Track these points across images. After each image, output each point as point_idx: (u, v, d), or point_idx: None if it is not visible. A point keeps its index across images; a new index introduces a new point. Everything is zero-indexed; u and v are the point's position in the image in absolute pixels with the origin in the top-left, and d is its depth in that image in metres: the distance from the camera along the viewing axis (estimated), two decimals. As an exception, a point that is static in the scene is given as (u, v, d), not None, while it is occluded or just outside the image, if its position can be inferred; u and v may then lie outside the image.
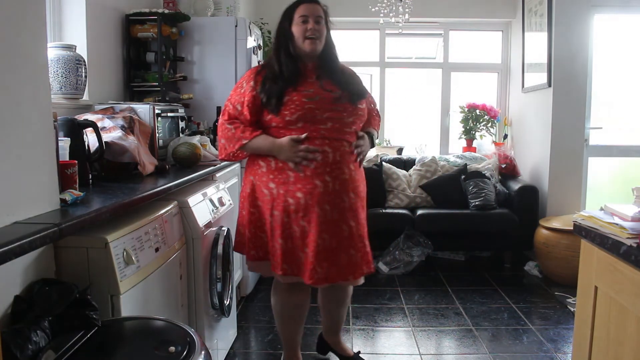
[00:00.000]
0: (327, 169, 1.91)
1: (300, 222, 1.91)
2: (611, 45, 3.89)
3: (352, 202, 1.96)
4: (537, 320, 2.97)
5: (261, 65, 2.09)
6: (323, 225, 1.90)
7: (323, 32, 1.97)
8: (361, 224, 2.00)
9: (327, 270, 1.92)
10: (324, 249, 1.90)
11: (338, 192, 1.92)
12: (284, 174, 1.93)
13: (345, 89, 1.97)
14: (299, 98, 1.89)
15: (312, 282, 1.93)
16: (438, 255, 4.19)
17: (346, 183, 1.94)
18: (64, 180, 1.47)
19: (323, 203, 1.90)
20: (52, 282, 1.31)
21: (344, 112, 1.93)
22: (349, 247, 1.94)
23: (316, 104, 1.89)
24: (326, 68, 1.99)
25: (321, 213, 1.89)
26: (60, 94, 2.20)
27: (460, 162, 4.27)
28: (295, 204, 1.91)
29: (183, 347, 1.18)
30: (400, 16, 3.65)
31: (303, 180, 1.91)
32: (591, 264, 1.39)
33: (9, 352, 1.04)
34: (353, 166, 1.98)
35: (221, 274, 2.19)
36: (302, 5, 1.96)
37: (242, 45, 3.13)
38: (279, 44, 2.00)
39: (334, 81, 1.97)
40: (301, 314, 2.19)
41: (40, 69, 1.31)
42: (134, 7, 2.88)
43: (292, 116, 1.89)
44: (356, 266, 1.97)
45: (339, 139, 1.94)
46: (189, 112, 3.07)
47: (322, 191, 1.89)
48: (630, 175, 4.05)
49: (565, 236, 3.40)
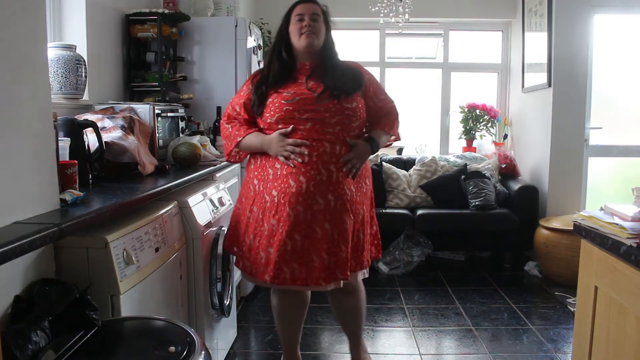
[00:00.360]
0: (302, 170, 1.88)
1: (271, 220, 1.90)
2: (611, 45, 3.89)
3: (329, 205, 1.88)
4: (537, 320, 2.97)
5: (260, 69, 2.12)
6: (295, 226, 1.87)
7: (320, 29, 1.97)
8: (341, 228, 1.89)
9: (294, 272, 1.88)
10: (292, 249, 1.87)
11: (312, 194, 1.87)
12: (266, 171, 1.96)
13: (332, 87, 1.93)
14: (278, 100, 1.92)
15: (276, 282, 1.89)
16: (438, 255, 4.19)
17: (322, 185, 1.88)
18: (64, 180, 1.47)
19: (295, 203, 1.87)
20: (52, 282, 1.31)
21: (325, 113, 1.89)
22: (321, 251, 1.88)
23: (294, 105, 1.90)
24: (322, 66, 1.99)
25: (292, 213, 1.86)
26: (60, 94, 2.20)
27: (460, 162, 4.27)
28: (270, 201, 1.91)
29: (183, 347, 1.18)
30: (400, 16, 3.65)
31: (280, 178, 1.91)
32: (591, 264, 1.39)
33: (9, 352, 1.04)
34: (335, 167, 1.90)
35: (221, 274, 2.19)
36: (298, 5, 2.00)
37: (242, 45, 3.13)
38: (274, 46, 2.05)
39: (325, 80, 1.95)
40: (297, 315, 2.18)
41: (40, 69, 1.31)
42: (134, 7, 2.88)
43: (272, 118, 1.93)
44: (328, 270, 1.89)
45: (319, 139, 1.89)
46: (189, 112, 3.07)
47: (294, 191, 1.87)
48: (630, 175, 4.05)
49: (565, 236, 3.40)
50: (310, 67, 1.99)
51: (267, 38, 4.29)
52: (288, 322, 2.19)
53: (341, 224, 1.90)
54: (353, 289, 2.12)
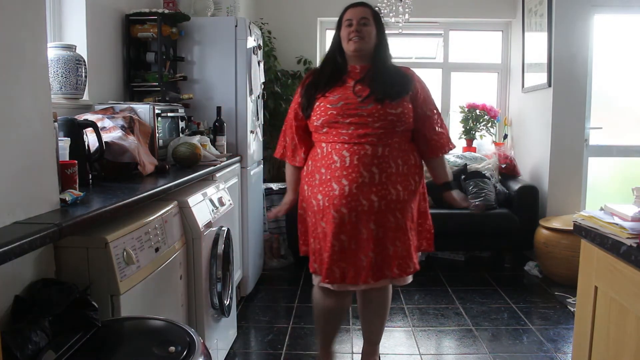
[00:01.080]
0: (343, 173, 1.94)
1: (321, 223, 1.99)
2: (611, 45, 3.89)
3: (373, 206, 1.93)
4: (537, 320, 2.97)
5: (313, 69, 2.20)
6: (340, 227, 1.93)
7: (369, 33, 2.01)
8: (387, 227, 1.95)
9: (344, 271, 1.95)
10: (340, 249, 1.94)
11: (355, 195, 1.92)
12: (313, 177, 2.04)
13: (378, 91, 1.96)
14: (324, 104, 1.99)
15: (328, 282, 1.96)
16: (438, 255, 4.19)
17: (365, 187, 1.93)
18: (64, 180, 1.47)
19: (339, 206, 1.93)
20: (52, 282, 1.31)
21: (368, 118, 1.93)
22: (368, 250, 1.94)
23: (338, 110, 1.96)
24: (372, 70, 2.03)
25: (337, 215, 1.93)
26: (60, 94, 2.20)
27: (460, 162, 4.26)
28: (317, 205, 2.00)
29: (183, 347, 1.18)
30: (400, 16, 3.65)
31: (324, 183, 1.98)
32: (591, 264, 1.39)
33: (9, 352, 1.04)
34: (377, 169, 1.94)
35: (221, 274, 2.19)
36: (348, 10, 2.06)
37: (242, 45, 3.13)
38: (329, 51, 2.12)
39: (373, 83, 1.98)
40: (334, 317, 2.21)
41: (40, 69, 1.31)
42: (134, 7, 2.88)
43: (318, 121, 2.00)
44: (375, 269, 1.96)
45: (359, 142, 1.94)
46: (189, 112, 3.07)
47: (337, 194, 1.93)
48: (630, 175, 4.05)
49: (565, 236, 3.40)
50: (360, 71, 2.03)
51: (267, 38, 4.29)
52: (329, 321, 2.22)
53: (386, 223, 1.96)
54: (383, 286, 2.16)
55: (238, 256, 3.03)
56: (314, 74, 2.12)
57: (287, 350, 2.60)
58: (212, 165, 2.47)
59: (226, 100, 3.15)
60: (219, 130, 3.01)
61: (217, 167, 2.52)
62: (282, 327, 2.87)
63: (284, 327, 2.86)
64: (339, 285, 1.99)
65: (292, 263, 3.99)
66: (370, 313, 2.26)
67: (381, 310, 2.24)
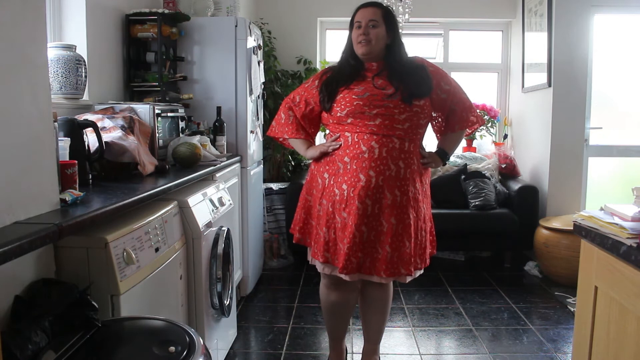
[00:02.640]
0: (372, 164, 1.95)
1: (342, 213, 1.98)
2: (611, 45, 3.89)
3: (396, 200, 1.95)
4: (537, 320, 2.97)
5: (330, 66, 2.21)
6: (362, 219, 1.94)
7: (377, 35, 2.03)
8: (405, 223, 1.96)
9: (361, 261, 1.97)
10: (360, 240, 1.95)
11: (381, 188, 1.95)
12: (336, 165, 2.03)
13: (404, 90, 1.98)
14: (349, 95, 2.00)
15: (345, 272, 1.96)
16: (438, 255, 4.19)
17: (391, 180, 1.95)
18: (64, 180, 1.47)
19: (364, 197, 1.94)
20: (52, 282, 1.31)
21: (395, 109, 1.96)
22: (385, 243, 1.96)
23: (364, 101, 1.98)
24: (388, 66, 2.05)
25: (361, 207, 1.94)
26: (60, 94, 2.20)
27: (460, 162, 4.26)
28: (340, 194, 1.99)
29: (183, 347, 1.18)
30: (400, 16, 3.65)
31: (350, 172, 1.98)
32: (591, 264, 1.39)
33: (9, 352, 1.04)
34: (403, 163, 1.97)
35: (221, 274, 2.19)
36: (358, 11, 2.09)
37: (242, 45, 3.13)
38: (344, 48, 2.14)
39: (394, 80, 2.01)
40: (342, 310, 2.23)
41: (40, 69, 1.31)
42: (134, 7, 2.88)
43: (342, 112, 2.01)
44: (390, 264, 1.96)
45: (388, 135, 1.96)
46: (189, 112, 3.07)
47: (364, 185, 1.94)
48: (630, 175, 4.05)
49: (565, 236, 3.40)
50: (377, 67, 2.06)
51: (267, 38, 4.29)
52: (336, 317, 2.25)
53: (406, 219, 1.97)
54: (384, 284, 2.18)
55: (238, 256, 3.03)
56: (333, 71, 2.14)
57: (287, 350, 2.60)
58: (212, 165, 2.47)
59: (226, 100, 3.15)
60: (219, 130, 3.01)
61: (217, 167, 2.52)
62: (282, 327, 2.87)
63: (284, 327, 2.86)
64: (353, 275, 1.99)
65: (292, 263, 3.99)
66: (371, 312, 2.26)
67: (382, 309, 2.25)
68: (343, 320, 2.27)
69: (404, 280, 2.06)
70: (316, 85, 2.13)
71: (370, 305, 2.26)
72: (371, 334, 2.31)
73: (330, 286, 2.17)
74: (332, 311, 2.23)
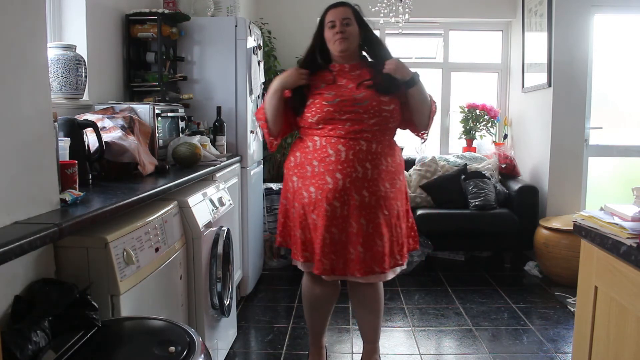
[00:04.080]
0: (338, 167, 1.98)
1: (312, 215, 2.02)
2: (611, 45, 3.89)
3: (364, 201, 1.97)
4: (537, 320, 2.97)
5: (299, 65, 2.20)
6: (332, 220, 1.97)
7: (352, 32, 2.05)
8: (376, 222, 1.98)
9: (333, 263, 2.00)
10: (331, 242, 1.98)
11: (348, 190, 1.97)
12: (304, 169, 2.05)
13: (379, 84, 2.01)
14: (320, 101, 2.02)
15: (318, 273, 2.01)
16: (438, 255, 4.19)
17: (358, 182, 1.97)
18: (64, 180, 1.47)
19: (332, 199, 1.97)
20: (52, 282, 1.31)
21: (364, 114, 1.99)
22: (356, 244, 1.98)
23: (335, 107, 1.99)
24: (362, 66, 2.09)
25: (329, 209, 1.97)
26: (60, 94, 2.20)
27: (460, 162, 4.27)
28: (308, 197, 2.03)
29: (183, 347, 1.18)
30: (400, 16, 3.65)
31: (317, 175, 2.00)
32: (591, 264, 1.39)
33: (9, 352, 1.04)
34: (370, 165, 1.98)
35: (221, 274, 2.19)
36: (329, 11, 2.10)
37: (242, 45, 3.13)
38: (309, 51, 2.14)
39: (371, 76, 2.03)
40: (323, 306, 2.27)
41: (40, 69, 1.31)
42: (134, 7, 2.88)
43: (313, 118, 2.03)
44: (364, 263, 1.98)
45: (355, 138, 1.99)
46: (189, 112, 3.07)
47: (331, 187, 1.98)
48: (630, 175, 4.05)
49: (565, 236, 3.40)
50: (350, 69, 2.08)
51: (267, 38, 4.29)
52: (318, 311, 2.29)
53: (375, 219, 1.99)
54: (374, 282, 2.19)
55: (238, 256, 3.03)
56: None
57: (287, 350, 2.60)
58: (212, 165, 2.47)
59: (226, 100, 3.15)
60: (219, 130, 3.01)
61: (217, 167, 2.52)
62: (282, 327, 2.87)
63: (284, 327, 2.86)
64: (329, 276, 2.04)
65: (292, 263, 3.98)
66: (364, 311, 2.28)
67: (374, 307, 2.26)
68: (324, 315, 2.31)
69: (383, 279, 2.08)
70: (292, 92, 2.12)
71: (361, 305, 2.27)
72: (368, 334, 2.32)
73: (312, 281, 2.22)
74: (314, 305, 2.28)
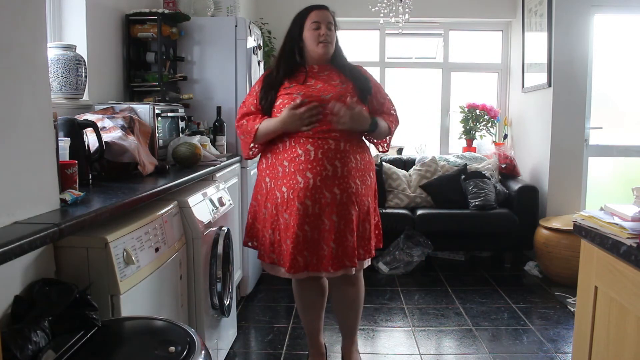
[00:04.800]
0: (308, 166, 2.00)
1: (284, 214, 2.04)
2: (611, 45, 3.89)
3: (335, 198, 2.00)
4: (537, 320, 2.97)
5: (269, 69, 2.23)
6: (304, 219, 1.99)
7: (334, 37, 2.11)
8: (347, 219, 2.01)
9: (307, 260, 2.02)
10: (304, 239, 2.00)
11: (319, 188, 1.99)
12: (276, 169, 2.07)
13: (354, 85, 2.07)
14: (288, 101, 2.03)
15: (292, 272, 2.02)
16: (438, 255, 4.19)
17: (329, 179, 2.00)
18: (64, 180, 1.47)
19: (303, 198, 1.99)
20: (52, 282, 1.31)
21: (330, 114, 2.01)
22: (329, 240, 2.00)
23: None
24: (332, 69, 2.13)
25: (301, 207, 1.99)
26: (60, 94, 2.20)
27: (460, 162, 4.27)
28: (280, 197, 2.04)
29: (183, 347, 1.18)
30: (400, 16, 3.65)
31: (288, 175, 2.03)
32: (591, 264, 1.39)
33: (9, 352, 1.04)
34: (339, 163, 2.01)
35: (221, 274, 2.19)
36: (313, 11, 2.11)
37: (242, 45, 3.13)
38: (284, 48, 2.15)
39: (335, 81, 2.08)
40: (316, 302, 2.30)
41: (40, 69, 1.31)
42: (134, 7, 2.88)
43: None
44: (336, 258, 2.01)
45: (323, 137, 2.02)
46: (189, 112, 3.07)
47: (302, 187, 1.99)
48: (630, 175, 4.05)
49: (565, 236, 3.40)
50: (319, 71, 2.12)
51: (267, 38, 4.29)
52: (309, 309, 2.31)
53: (347, 215, 2.02)
54: (355, 279, 2.23)
55: (238, 256, 3.03)
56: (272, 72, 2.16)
57: (287, 350, 2.60)
58: (212, 165, 2.47)
59: (226, 100, 3.15)
60: (219, 130, 3.01)
61: (217, 167, 2.52)
62: (282, 327, 2.87)
63: (284, 327, 2.86)
64: (301, 273, 2.05)
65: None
66: (344, 308, 2.29)
67: (354, 306, 2.28)
68: (317, 314, 2.32)
69: (350, 273, 2.08)
70: (257, 90, 2.15)
71: (344, 304, 2.28)
72: (346, 331, 2.35)
73: (298, 283, 2.25)
74: (305, 307, 2.31)
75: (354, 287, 2.24)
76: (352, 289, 2.24)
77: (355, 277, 2.21)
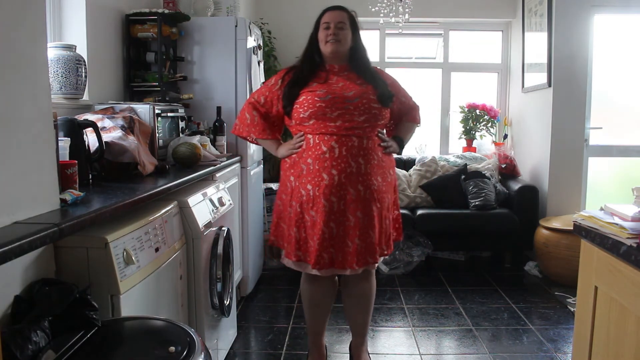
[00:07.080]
0: (333, 163, 2.04)
1: (310, 212, 2.06)
2: (611, 45, 3.89)
3: (359, 194, 2.04)
4: (537, 320, 2.97)
5: (292, 66, 2.26)
6: (330, 215, 2.03)
7: (345, 36, 2.13)
8: (370, 215, 2.05)
9: (332, 256, 2.05)
10: (330, 236, 2.03)
11: (344, 185, 2.03)
12: (299, 167, 2.11)
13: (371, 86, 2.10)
14: (312, 97, 2.07)
15: (317, 267, 2.05)
16: (438, 255, 4.19)
17: (353, 176, 2.03)
18: (64, 180, 1.47)
19: (329, 195, 2.03)
20: (52, 282, 1.31)
21: (355, 111, 2.05)
22: (354, 236, 2.04)
23: (327, 103, 2.04)
24: (351, 69, 2.16)
25: (327, 204, 2.02)
26: (60, 94, 2.20)
27: (460, 162, 4.27)
28: (306, 195, 2.07)
29: (183, 347, 1.18)
30: (400, 16, 3.65)
31: (313, 173, 2.06)
32: (591, 264, 1.39)
33: (9, 352, 1.04)
34: (363, 160, 2.05)
35: (221, 274, 2.19)
36: (326, 13, 2.17)
37: (242, 45, 3.13)
38: (306, 50, 2.21)
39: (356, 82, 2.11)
40: (322, 304, 2.31)
41: (40, 69, 1.31)
42: (134, 7, 2.88)
43: (305, 113, 2.07)
44: (360, 255, 2.05)
45: (347, 134, 2.05)
46: (189, 112, 3.07)
47: (327, 184, 2.03)
48: (630, 175, 4.05)
49: (565, 236, 3.40)
50: (339, 70, 2.15)
51: (267, 38, 4.29)
52: (317, 308, 2.31)
53: (370, 211, 2.06)
54: (370, 275, 2.26)
55: (238, 256, 3.03)
56: (293, 71, 2.20)
57: (287, 350, 2.60)
58: (212, 165, 2.47)
59: (226, 100, 3.15)
60: (219, 130, 3.01)
61: (217, 167, 2.52)
62: (282, 327, 2.87)
63: (284, 327, 2.86)
64: (327, 270, 2.07)
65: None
66: (357, 304, 2.30)
67: (366, 303, 2.30)
68: (324, 314, 2.33)
69: (371, 269, 2.16)
70: (279, 85, 2.18)
71: (354, 300, 2.30)
72: (358, 329, 2.35)
73: (310, 280, 2.25)
74: (313, 304, 2.31)
75: (368, 283, 2.27)
76: (367, 285, 2.27)
77: (370, 273, 2.24)
